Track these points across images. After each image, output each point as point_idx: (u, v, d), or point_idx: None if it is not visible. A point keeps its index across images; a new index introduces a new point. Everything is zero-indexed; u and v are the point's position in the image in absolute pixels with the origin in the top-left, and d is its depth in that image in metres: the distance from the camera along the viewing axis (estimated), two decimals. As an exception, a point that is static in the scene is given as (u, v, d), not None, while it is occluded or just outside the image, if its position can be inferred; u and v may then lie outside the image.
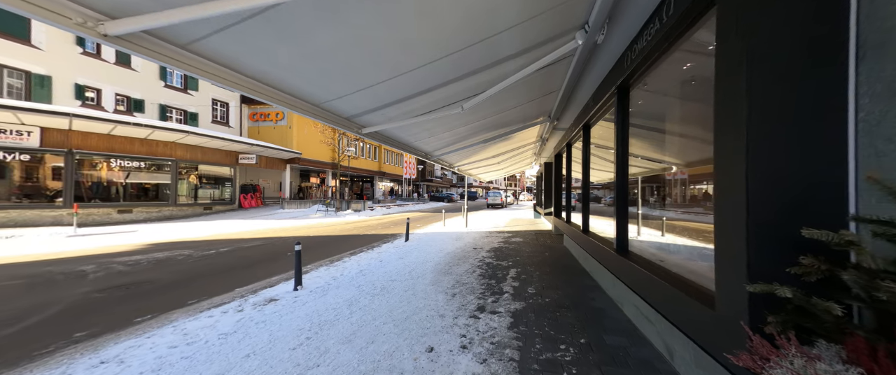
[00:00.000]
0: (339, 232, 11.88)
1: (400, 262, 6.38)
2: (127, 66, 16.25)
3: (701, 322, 1.73)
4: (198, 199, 16.95)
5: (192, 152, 16.08)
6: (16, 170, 12.11)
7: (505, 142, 7.71)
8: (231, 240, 9.67)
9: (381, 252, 7.60)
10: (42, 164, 12.64)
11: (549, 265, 5.99)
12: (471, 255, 7.05)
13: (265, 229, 12.39)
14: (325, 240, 9.72)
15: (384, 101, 3.22)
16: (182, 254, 7.55)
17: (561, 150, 7.28)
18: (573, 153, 6.27)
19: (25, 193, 12.16)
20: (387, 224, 14.65)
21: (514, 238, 9.76)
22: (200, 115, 19.70)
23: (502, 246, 8.29)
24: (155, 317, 3.78)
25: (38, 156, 12.28)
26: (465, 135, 5.74)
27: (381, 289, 4.60)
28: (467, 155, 7.71)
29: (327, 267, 6.14)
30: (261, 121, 22.70)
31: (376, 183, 35.80)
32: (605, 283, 4.26)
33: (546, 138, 8.30)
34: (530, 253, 7.16)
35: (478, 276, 5.26)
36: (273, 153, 19.88)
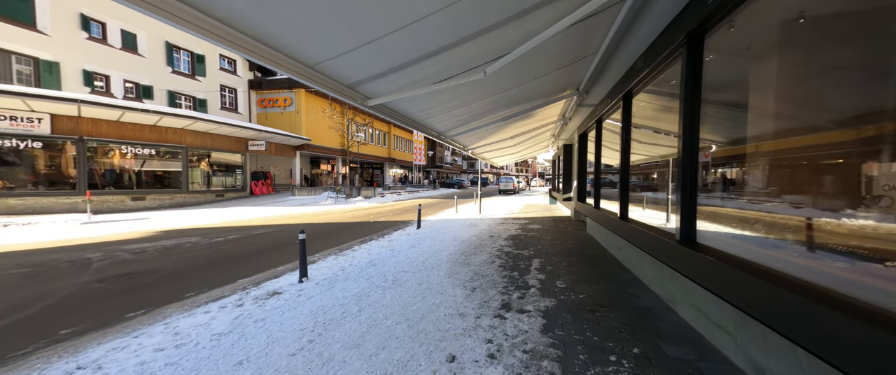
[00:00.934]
0: (349, 219, 11.59)
1: (412, 251, 5.97)
2: (134, 52, 16.02)
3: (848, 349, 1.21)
4: (210, 186, 16.95)
5: (202, 139, 15.95)
6: (30, 157, 12.18)
7: (524, 121, 7.08)
8: (240, 228, 9.48)
9: (391, 240, 7.22)
10: (55, 152, 12.67)
11: (575, 254, 5.47)
12: (487, 244, 6.59)
13: (275, 216, 12.21)
14: (335, 228, 9.42)
15: (392, 63, 2.68)
16: (190, 242, 7.35)
17: (587, 129, 6.61)
18: (603, 132, 5.61)
19: (40, 181, 12.25)
20: (397, 211, 14.31)
21: (531, 225, 9.24)
22: (209, 102, 19.52)
23: (520, 233, 7.78)
24: (148, 312, 3.47)
25: (50, 144, 12.28)
26: (482, 112, 5.15)
27: (392, 282, 4.19)
28: (483, 135, 7.12)
29: (335, 256, 5.79)
30: (269, 108, 22.42)
31: (386, 169, 35.51)
32: (649, 277, 3.72)
33: (569, 118, 7.61)
34: (552, 242, 6.64)
35: (498, 267, 4.79)
36: (282, 139, 19.65)
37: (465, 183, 44.58)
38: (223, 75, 20.39)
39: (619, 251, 4.83)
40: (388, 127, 33.90)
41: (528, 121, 7.16)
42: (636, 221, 3.68)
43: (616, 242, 4.96)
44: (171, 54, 17.52)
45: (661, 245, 2.69)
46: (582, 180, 7.28)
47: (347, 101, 3.05)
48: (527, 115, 6.55)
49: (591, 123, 6.08)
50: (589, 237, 7.04)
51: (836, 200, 1.52)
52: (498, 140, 8.39)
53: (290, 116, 22.07)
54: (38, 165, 12.24)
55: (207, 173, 16.85)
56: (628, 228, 3.68)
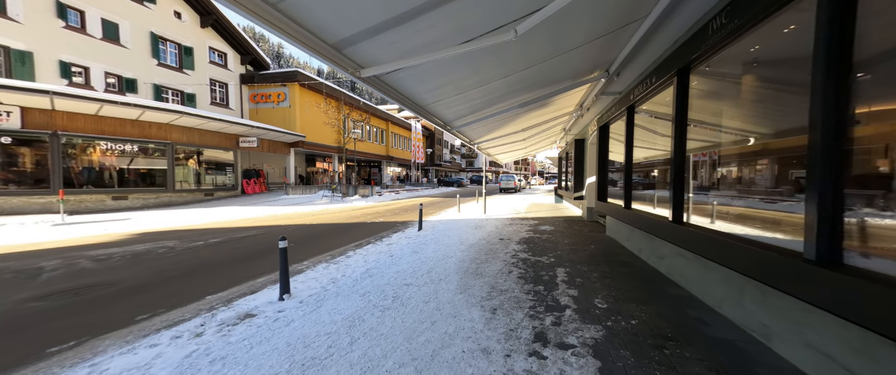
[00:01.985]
0: (345, 219, 10.82)
1: (415, 258, 5.22)
2: (115, 42, 15.11)
3: None
4: (198, 185, 16.10)
5: (190, 135, 15.09)
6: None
7: (539, 111, 6.34)
8: (226, 229, 8.68)
9: (391, 244, 6.46)
10: (27, 148, 11.78)
11: (603, 262, 4.74)
12: (499, 248, 5.85)
13: (266, 216, 11.42)
14: (329, 229, 8.65)
15: (395, 9, 1.93)
16: (165, 247, 6.56)
17: (611, 120, 5.87)
18: (627, 123, 4.88)
19: (11, 179, 11.37)
20: (396, 210, 13.55)
21: (542, 226, 8.51)
22: (198, 96, 18.63)
23: (533, 236, 7.05)
24: (78, 345, 2.70)
25: (22, 139, 11.40)
26: (498, 96, 4.40)
27: (393, 300, 3.44)
28: (493, 126, 6.38)
29: (326, 264, 5.03)
30: (261, 103, 21.54)
31: (384, 168, 34.71)
32: (715, 297, 2.99)
33: (587, 108, 6.88)
34: (572, 246, 5.91)
35: (517, 279, 4.05)
36: (275, 136, 18.81)
37: (464, 181, 43.86)
38: (213, 69, 19.49)
39: (661, 260, 4.10)
40: (386, 124, 33.08)
41: (543, 111, 6.42)
42: (707, 228, 2.94)
43: (657, 249, 4.23)
44: (156, 46, 16.61)
45: (769, 263, 1.95)
46: (603, 177, 6.55)
47: (333, 67, 2.28)
48: (543, 104, 5.82)
49: (617, 112, 5.34)
50: (611, 240, 6.31)
51: None
52: (507, 133, 7.65)
53: (284, 112, 21.21)
54: (7, 162, 11.35)
55: (196, 171, 16.00)
56: (692, 236, 2.94)
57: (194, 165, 15.89)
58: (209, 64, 19.26)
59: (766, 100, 2.46)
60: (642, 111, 4.64)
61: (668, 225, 3.43)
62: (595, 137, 8.47)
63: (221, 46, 19.97)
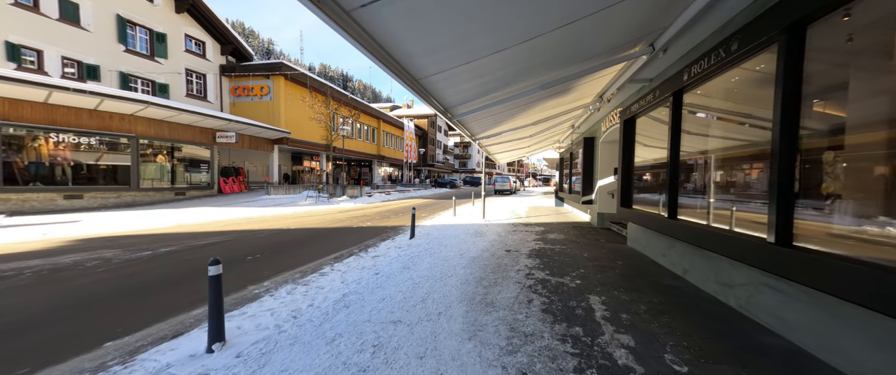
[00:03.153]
0: (329, 223, 9.68)
1: (406, 277, 4.17)
2: (75, 24, 13.62)
3: None
4: (170, 183, 14.67)
5: (158, 128, 13.69)
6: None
7: (556, 101, 5.38)
8: (187, 234, 7.47)
9: (377, 257, 5.39)
10: (-38, 139, 10.28)
11: (644, 287, 3.77)
12: (508, 264, 4.84)
13: (239, 219, 10.18)
14: (307, 236, 7.51)
15: None
16: (100, 258, 5.35)
17: (643, 110, 4.93)
18: (680, 106, 3.94)
19: (-60, 174, 9.87)
20: (386, 213, 12.45)
21: (550, 234, 7.55)
22: (172, 87, 17.17)
23: (544, 247, 6.07)
24: None
25: (-47, 129, 9.92)
26: (516, 71, 3.40)
27: (373, 352, 2.39)
28: (502, 117, 5.39)
29: (292, 286, 3.93)
30: (243, 96, 20.14)
31: (375, 167, 33.48)
32: (849, 360, 2.03)
33: (609, 98, 5.94)
34: (594, 262, 4.94)
35: (542, 313, 3.05)
36: (257, 131, 17.47)
37: (457, 182, 42.91)
38: (189, 58, 18.03)
39: (729, 290, 3.14)
40: (378, 122, 31.89)
41: (561, 100, 5.46)
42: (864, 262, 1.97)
43: (721, 274, 3.27)
44: (123, 30, 15.13)
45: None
46: (627, 180, 5.61)
47: None
48: (564, 89, 4.84)
49: (654, 101, 4.39)
50: (638, 254, 5.37)
51: None
52: (515, 127, 6.67)
53: (268, 106, 19.86)
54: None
55: (166, 168, 14.58)
56: (816, 268, 1.97)
57: (164, 161, 14.47)
58: (185, 52, 17.81)
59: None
60: (695, 96, 3.69)
61: (759, 247, 2.46)
62: (610, 135, 7.56)
63: (199, 34, 18.53)
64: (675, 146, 3.90)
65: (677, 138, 3.89)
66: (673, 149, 3.91)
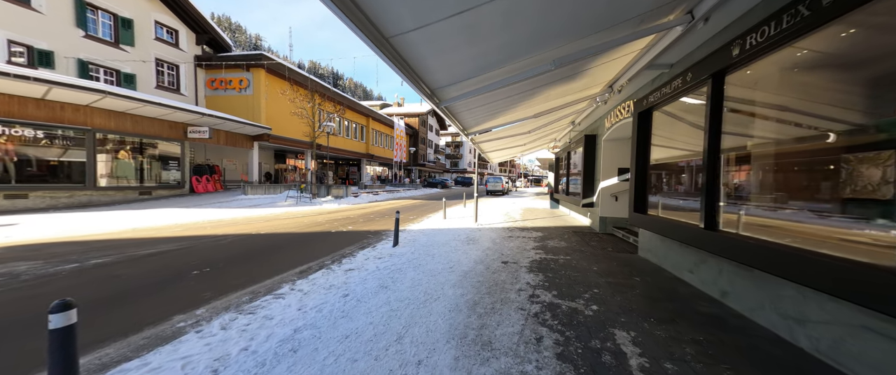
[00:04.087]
0: (305, 226, 8.74)
1: (381, 302, 3.34)
2: (25, 5, 12.27)
3: None
4: (135, 182, 13.42)
5: (119, 121, 12.45)
6: None
7: (564, 88, 4.62)
8: (134, 241, 6.44)
9: (351, 272, 4.53)
10: None
11: (680, 316, 3.04)
12: (506, 281, 4.06)
13: (205, 222, 9.14)
14: (275, 243, 6.57)
15: None
16: (3, 274, 4.33)
17: (665, 98, 4.22)
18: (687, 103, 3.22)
19: None
20: (371, 215, 11.55)
21: (550, 240, 6.82)
22: (139, 78, 15.85)
23: (545, 257, 5.31)
24: None
25: None
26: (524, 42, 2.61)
27: (313, 444, 1.55)
28: (499, 107, 4.61)
29: (230, 318, 3.04)
30: (221, 89, 18.89)
31: (364, 167, 32.41)
32: None
33: (620, 88, 5.23)
34: (608, 279, 4.20)
35: (558, 362, 2.27)
36: (234, 127, 16.30)
37: (448, 182, 42.12)
38: (160, 47, 16.72)
39: (799, 326, 2.41)
40: (367, 120, 30.83)
41: (567, 87, 4.70)
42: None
43: (787, 306, 2.55)
44: (83, 13, 13.79)
45: None
46: (642, 182, 4.90)
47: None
48: (570, 76, 4.09)
49: (685, 87, 3.67)
50: (657, 268, 4.66)
51: None
52: (511, 121, 5.90)
53: (248, 101, 18.66)
54: None
55: (130, 165, 13.33)
56: None
57: (127, 158, 13.22)
58: (155, 41, 16.50)
59: None
60: (743, 78, 2.97)
61: (862, 277, 1.72)
62: (615, 132, 6.87)
63: (171, 22, 17.22)
64: (713, 140, 3.18)
65: (717, 130, 3.16)
66: (711, 144, 3.18)
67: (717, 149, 3.18)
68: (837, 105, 2.24)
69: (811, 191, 2.44)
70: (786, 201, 2.62)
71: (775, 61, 2.64)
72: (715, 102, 3.16)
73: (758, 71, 2.83)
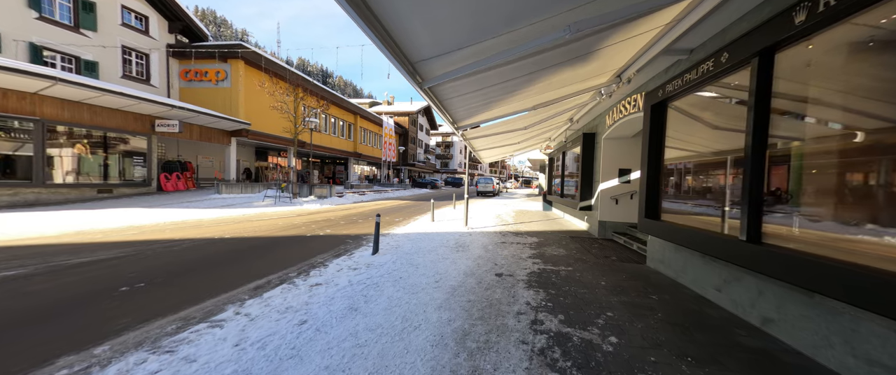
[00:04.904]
0: (279, 230, 7.90)
1: (345, 333, 2.63)
2: (-34, -20, 10.98)
3: None
4: (91, 178, 12.23)
5: (75, 111, 11.28)
6: None
7: (567, 75, 4.01)
8: (69, 247, 5.51)
9: (317, 288, 3.79)
10: None
11: (722, 350, 2.44)
12: (502, 300, 3.40)
13: (166, 224, 8.19)
14: (236, 251, 5.74)
15: None
16: None
17: (686, 87, 3.65)
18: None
19: None
20: (354, 217, 10.75)
21: (547, 247, 6.21)
22: (103, 66, 14.61)
23: (544, 268, 4.69)
24: None
25: None
26: None
27: None
28: (494, 94, 3.96)
29: (139, 358, 2.28)
30: (196, 81, 17.70)
31: (351, 166, 31.40)
32: None
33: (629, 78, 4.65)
34: (619, 295, 3.60)
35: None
36: (209, 121, 15.21)
37: (438, 182, 41.42)
38: (127, 33, 15.48)
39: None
40: (354, 118, 29.86)
41: (572, 74, 4.08)
42: None
43: (857, 342, 1.98)
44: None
45: None
46: (654, 184, 4.32)
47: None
48: (577, 58, 3.47)
49: (716, 71, 3.09)
50: (672, 283, 4.09)
51: None
52: (507, 113, 5.26)
53: (225, 94, 17.53)
54: None
55: (88, 160, 12.14)
56: None
57: (84, 152, 12.03)
58: (122, 26, 15.26)
59: None
60: (805, 54, 2.38)
61: None
62: (617, 129, 6.33)
63: (141, 7, 15.99)
64: (758, 134, 2.59)
65: (762, 122, 2.58)
66: (755, 140, 2.60)
67: (763, 146, 2.59)
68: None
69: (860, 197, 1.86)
70: (859, 211, 2.04)
71: (849, 32, 2.06)
72: (761, 88, 2.57)
73: (824, 43, 2.24)
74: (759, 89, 2.58)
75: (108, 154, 12.79)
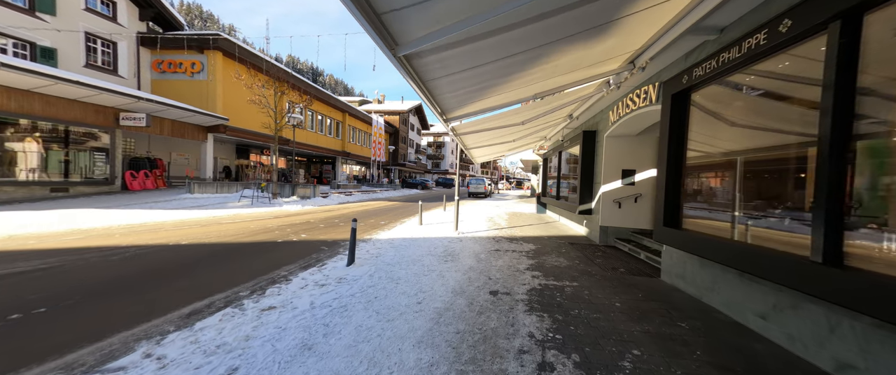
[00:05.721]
0: (248, 234, 7.05)
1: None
2: None
3: None
4: (44, 176, 11.08)
5: (22, 101, 10.15)
6: None
7: (576, 56, 3.36)
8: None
9: (267, 315, 3.02)
10: None
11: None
12: (498, 329, 2.72)
13: (119, 227, 7.24)
14: (189, 259, 4.90)
15: None
16: None
17: (721, 69, 3.03)
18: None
19: None
20: (335, 219, 9.93)
21: (545, 255, 5.57)
22: (64, 53, 13.41)
23: (545, 283, 4.03)
24: None
25: None
26: None
27: None
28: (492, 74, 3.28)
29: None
30: (169, 72, 16.55)
31: (339, 165, 30.37)
32: None
33: (643, 66, 4.04)
34: (640, 322, 2.96)
35: None
36: (181, 115, 14.14)
37: (429, 183, 40.66)
38: (91, 19, 14.28)
39: None
40: (343, 115, 28.88)
41: (582, 55, 3.44)
42: None
43: None
44: (-16, -30, 11.32)
45: None
46: (674, 186, 3.70)
47: None
48: (589, 33, 2.82)
49: (780, 39, 2.48)
50: (696, 303, 3.48)
51: None
52: (504, 103, 4.58)
53: (201, 87, 16.42)
54: None
55: (43, 155, 10.99)
56: None
57: (35, 145, 10.87)
58: (85, 11, 14.06)
59: None
60: None
61: None
62: (622, 127, 5.74)
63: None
64: (838, 123, 1.96)
65: (846, 105, 1.95)
66: (835, 131, 1.97)
67: (845, 137, 1.97)
68: None
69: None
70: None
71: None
72: (843, 61, 1.95)
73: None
74: (839, 63, 1.96)
75: (68, 149, 11.64)
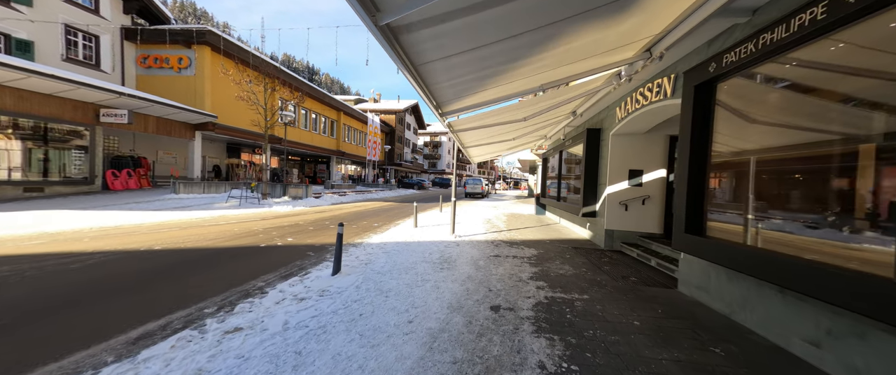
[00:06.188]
0: (229, 238, 6.56)
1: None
2: None
3: None
4: (20, 175, 10.47)
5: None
6: None
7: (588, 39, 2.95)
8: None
9: (229, 339, 2.57)
10: None
11: None
12: (502, 358, 2.31)
13: (90, 230, 6.71)
14: (159, 267, 4.41)
15: None
16: None
17: (757, 55, 2.63)
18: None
19: None
20: (327, 221, 9.46)
21: (549, 262, 5.16)
22: (41, 47, 12.77)
23: (552, 295, 3.61)
24: None
25: None
26: None
27: None
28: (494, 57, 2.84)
29: None
30: (155, 68, 15.93)
31: (334, 165, 29.81)
32: None
33: (661, 54, 3.64)
34: (664, 345, 2.56)
35: None
36: (168, 112, 13.55)
37: (425, 183, 40.21)
38: (72, 11, 13.64)
39: None
40: (338, 114, 28.34)
41: (596, 39, 3.02)
42: None
43: None
44: (-47, -44, 10.68)
45: None
46: (697, 188, 3.30)
47: None
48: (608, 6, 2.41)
49: (852, 8, 2.07)
50: (726, 321, 3.09)
51: None
52: (505, 95, 4.15)
53: (189, 82, 15.82)
54: None
55: (14, 153, 10.37)
56: None
57: (6, 142, 10.26)
58: (65, 3, 13.42)
59: None
60: None
61: None
62: (630, 124, 5.35)
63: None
64: None
65: None
66: None
67: None
68: None
69: None
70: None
71: None
72: None
73: None
74: None
75: (46, 147, 11.03)
